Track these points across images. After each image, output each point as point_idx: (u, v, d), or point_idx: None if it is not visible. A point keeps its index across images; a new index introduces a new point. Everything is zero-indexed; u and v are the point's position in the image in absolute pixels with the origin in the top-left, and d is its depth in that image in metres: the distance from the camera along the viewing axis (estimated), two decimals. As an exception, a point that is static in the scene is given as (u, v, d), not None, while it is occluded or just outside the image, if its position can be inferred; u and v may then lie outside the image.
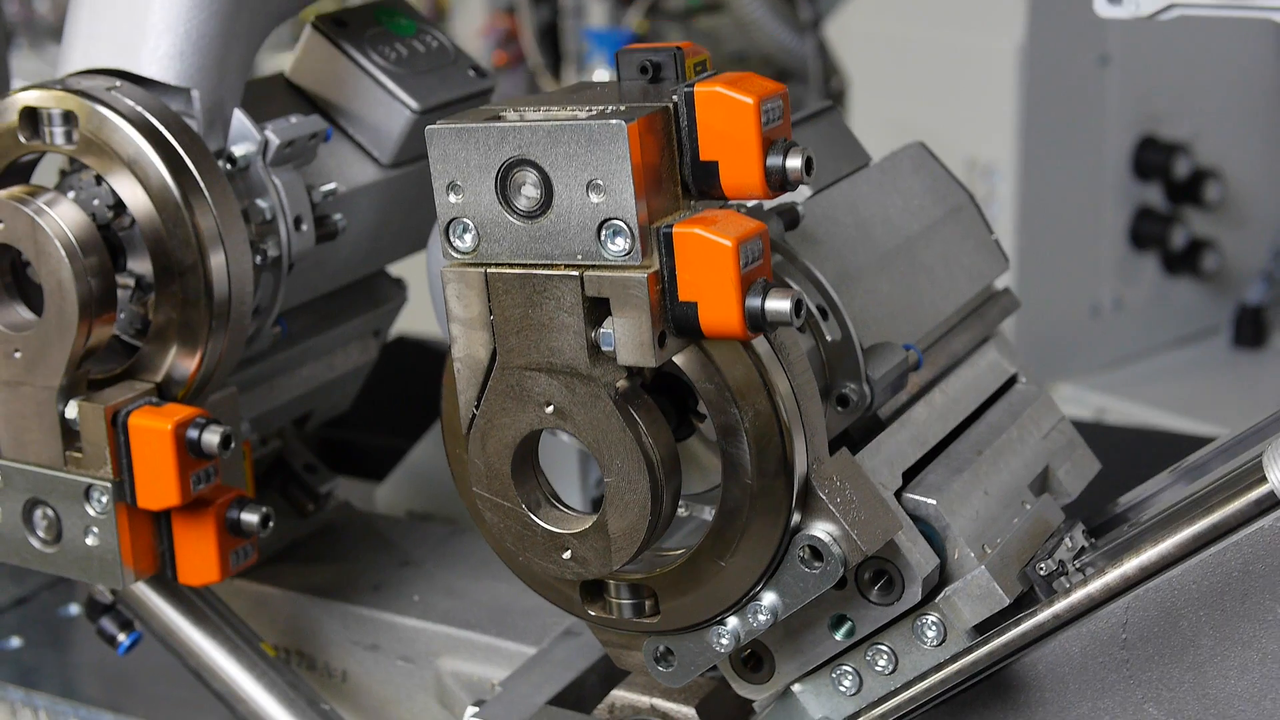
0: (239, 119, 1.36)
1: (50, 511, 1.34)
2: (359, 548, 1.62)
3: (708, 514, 1.25)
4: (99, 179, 1.32)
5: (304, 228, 1.39)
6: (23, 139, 1.31)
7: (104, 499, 1.31)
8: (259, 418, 1.55)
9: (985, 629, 1.21)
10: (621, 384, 1.09)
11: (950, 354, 1.39)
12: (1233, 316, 3.46)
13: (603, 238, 1.05)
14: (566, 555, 1.13)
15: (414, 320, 1.94)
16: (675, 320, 1.06)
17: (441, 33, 1.56)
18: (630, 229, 1.04)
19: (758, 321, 1.04)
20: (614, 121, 1.03)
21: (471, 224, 1.09)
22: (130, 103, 1.29)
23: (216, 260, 1.30)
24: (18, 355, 1.30)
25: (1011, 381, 1.41)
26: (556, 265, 1.07)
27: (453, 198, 1.09)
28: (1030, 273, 3.27)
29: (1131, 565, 1.09)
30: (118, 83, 1.31)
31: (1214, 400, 3.30)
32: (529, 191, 1.07)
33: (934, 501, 1.21)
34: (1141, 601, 1.16)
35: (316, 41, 1.50)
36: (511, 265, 1.08)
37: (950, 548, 1.20)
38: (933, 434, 1.28)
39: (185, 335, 1.31)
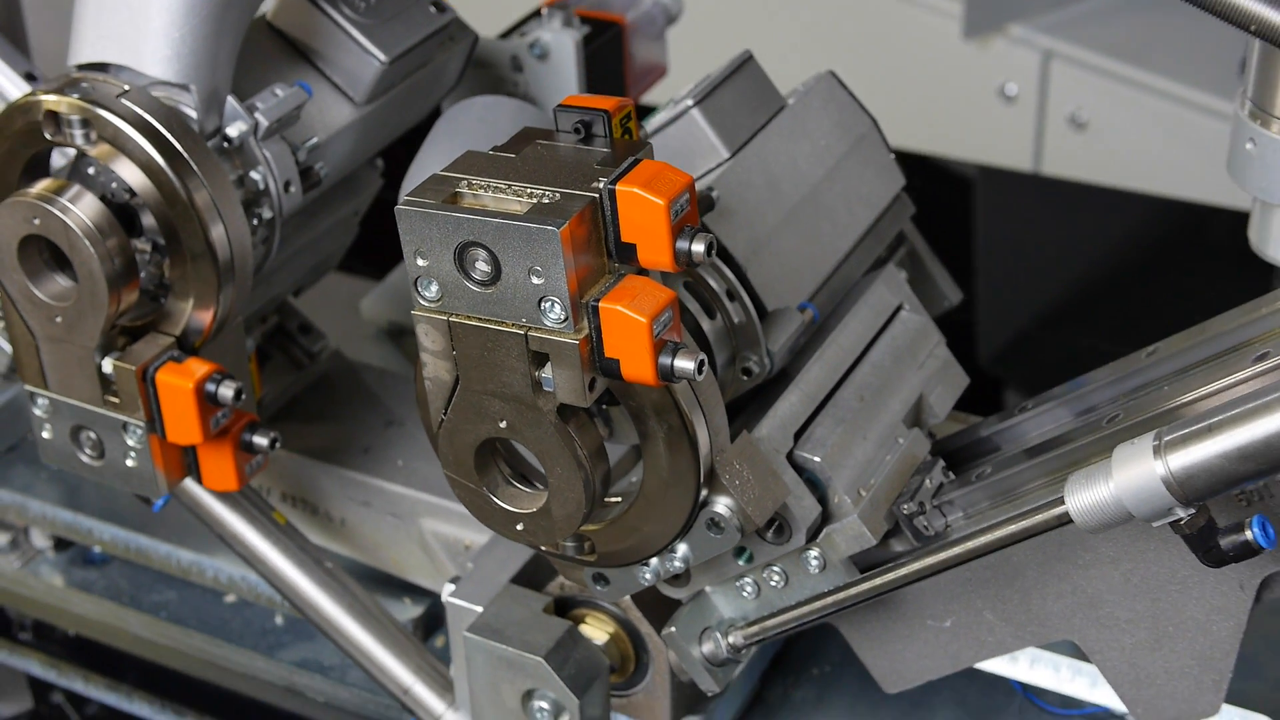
0: (231, 104, 1.57)
1: (93, 435, 1.61)
2: (350, 406, 1.90)
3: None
4: (113, 167, 1.53)
5: (292, 189, 1.61)
6: (48, 135, 1.51)
7: (139, 432, 1.58)
8: (258, 310, 1.80)
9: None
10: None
11: (846, 281, 1.64)
12: (1185, -47, 3.60)
13: (542, 308, 1.29)
14: (520, 527, 1.42)
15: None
16: (602, 369, 1.31)
17: (405, -30, 1.74)
18: (564, 305, 1.28)
19: (668, 375, 1.30)
20: (549, 227, 1.26)
21: (436, 283, 1.32)
22: (138, 110, 1.49)
23: (217, 233, 1.53)
24: (59, 320, 1.55)
25: (899, 310, 1.66)
26: (506, 323, 1.31)
27: (420, 261, 1.32)
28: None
29: (960, 549, 1.37)
30: (126, 87, 1.51)
31: (1159, 42, 3.50)
32: (481, 266, 1.30)
33: (819, 459, 1.48)
34: (981, 542, 1.46)
35: (294, -6, 1.68)
36: (469, 318, 1.33)
37: (831, 494, 1.49)
38: (823, 389, 1.54)
39: (199, 295, 1.55)
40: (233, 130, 1.56)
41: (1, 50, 1.80)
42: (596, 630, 1.62)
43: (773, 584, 1.52)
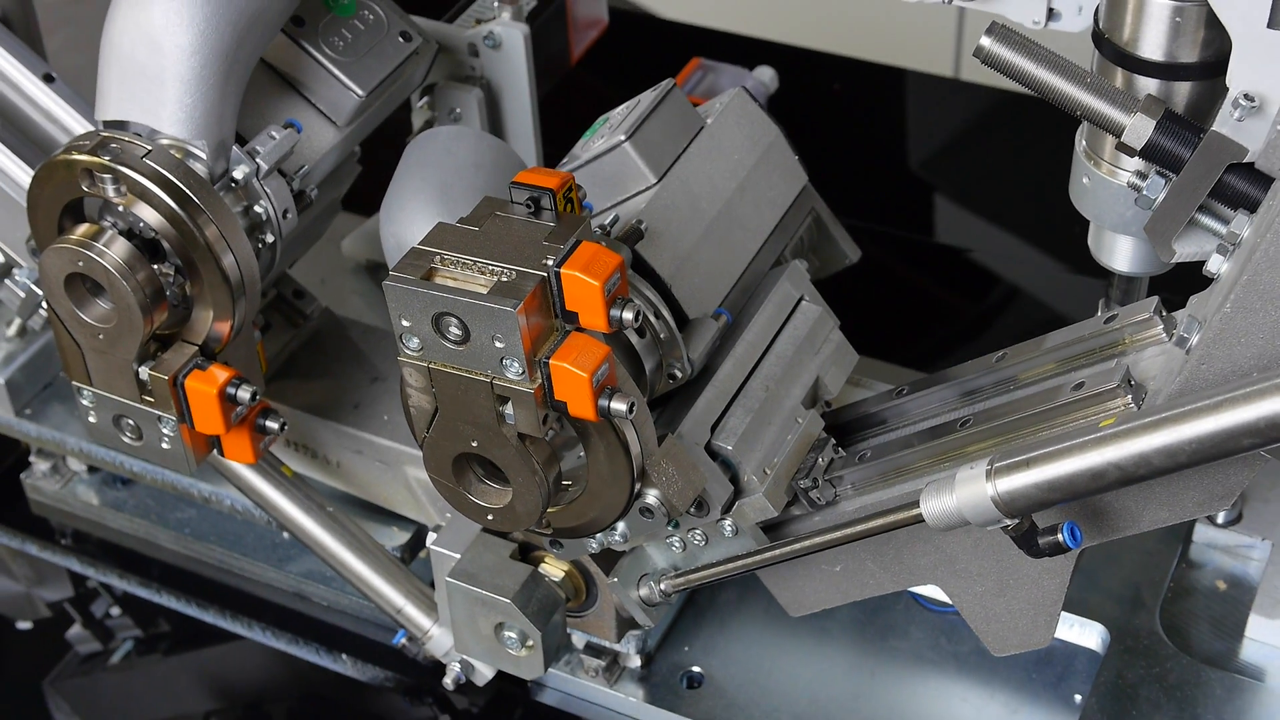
0: (235, 150, 1.86)
1: (133, 423, 1.93)
2: (339, 362, 2.22)
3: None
4: (138, 209, 1.83)
5: (289, 216, 1.91)
6: (85, 187, 1.81)
7: (171, 423, 1.90)
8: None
9: (766, 516, 1.86)
10: (521, 424, 1.68)
11: (756, 276, 1.96)
12: None
13: (503, 364, 1.61)
14: (490, 518, 1.76)
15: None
16: (553, 407, 1.64)
17: (376, 4, 2.01)
18: (521, 363, 1.60)
19: (606, 414, 1.63)
20: (507, 308, 1.57)
21: (417, 338, 1.64)
22: (158, 168, 1.78)
23: (228, 262, 1.82)
24: (101, 337, 1.86)
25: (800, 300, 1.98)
26: (475, 373, 1.63)
27: (404, 322, 1.63)
28: None
29: (844, 532, 1.72)
30: (150, 148, 1.80)
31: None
32: (454, 330, 1.62)
33: (731, 447, 1.82)
34: (862, 511, 1.81)
35: (281, 38, 1.95)
36: (445, 366, 1.65)
37: (742, 475, 1.82)
38: (735, 383, 1.87)
39: (217, 311, 1.86)
40: (238, 174, 1.86)
41: (22, 56, 2.08)
42: (554, 568, 1.97)
43: (696, 542, 1.87)
